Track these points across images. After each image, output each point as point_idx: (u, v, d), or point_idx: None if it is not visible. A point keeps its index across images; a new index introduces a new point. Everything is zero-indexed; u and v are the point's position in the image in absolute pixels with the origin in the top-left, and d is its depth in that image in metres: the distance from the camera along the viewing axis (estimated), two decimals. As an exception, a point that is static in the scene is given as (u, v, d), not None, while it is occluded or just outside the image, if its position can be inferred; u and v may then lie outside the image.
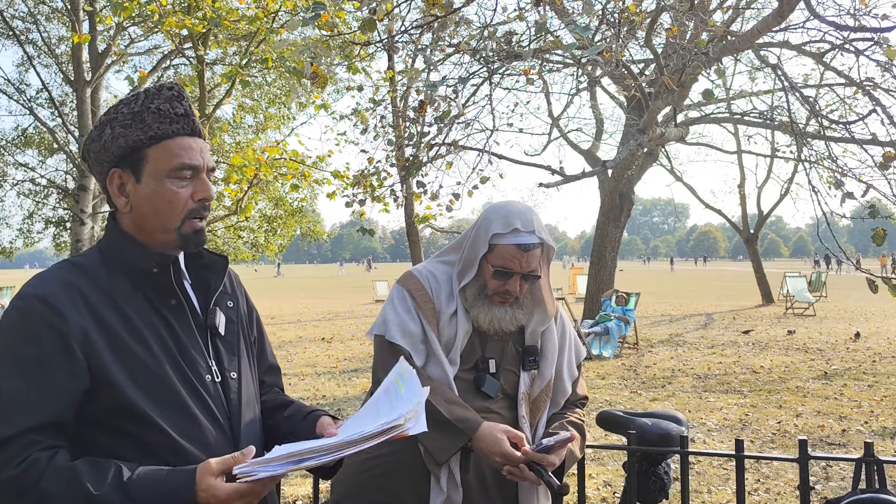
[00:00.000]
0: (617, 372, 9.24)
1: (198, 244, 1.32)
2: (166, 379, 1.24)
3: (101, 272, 1.27)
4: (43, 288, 1.21)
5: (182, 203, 1.28)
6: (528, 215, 1.81)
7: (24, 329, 1.18)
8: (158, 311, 1.28)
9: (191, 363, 1.29)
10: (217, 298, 1.39)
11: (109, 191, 1.31)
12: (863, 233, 19.91)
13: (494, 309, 1.82)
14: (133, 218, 1.30)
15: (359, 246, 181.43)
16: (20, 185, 20.56)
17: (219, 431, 1.29)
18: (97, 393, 1.19)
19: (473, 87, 8.95)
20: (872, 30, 5.17)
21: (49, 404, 1.16)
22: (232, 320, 1.42)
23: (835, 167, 7.20)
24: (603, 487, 4.59)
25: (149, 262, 1.28)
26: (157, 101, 1.29)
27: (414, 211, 10.93)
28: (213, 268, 1.40)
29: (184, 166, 1.28)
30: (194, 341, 1.32)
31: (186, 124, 1.30)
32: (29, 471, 1.11)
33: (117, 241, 1.31)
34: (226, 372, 1.35)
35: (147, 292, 1.29)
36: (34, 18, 19.23)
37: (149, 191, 1.27)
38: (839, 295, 24.53)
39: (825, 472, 4.79)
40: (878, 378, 8.41)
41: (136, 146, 1.27)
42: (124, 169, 1.28)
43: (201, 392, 1.28)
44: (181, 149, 1.28)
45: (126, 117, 1.27)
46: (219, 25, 6.85)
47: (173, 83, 1.34)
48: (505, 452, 1.65)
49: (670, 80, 5.42)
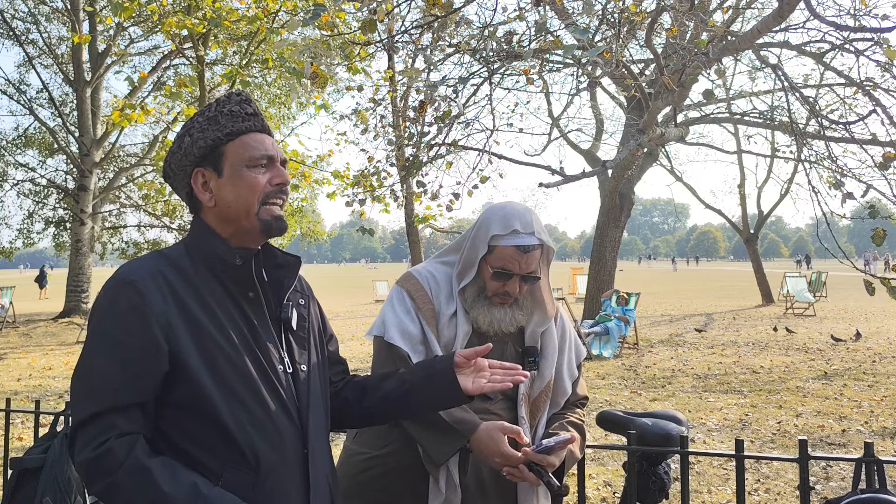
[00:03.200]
0: (617, 372, 9.24)
1: (280, 229, 1.38)
2: (244, 367, 1.30)
3: (186, 263, 1.35)
4: (132, 274, 1.28)
5: (261, 186, 1.36)
6: (527, 216, 1.80)
7: (114, 312, 1.25)
8: (237, 303, 1.36)
9: (265, 353, 1.35)
10: (290, 295, 1.47)
11: (194, 189, 1.39)
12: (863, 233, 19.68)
13: (494, 310, 1.81)
14: (217, 211, 1.38)
15: (359, 246, 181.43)
16: (20, 185, 20.59)
17: (289, 420, 1.35)
18: (173, 378, 1.26)
19: (473, 87, 8.94)
20: (872, 30, 5.17)
21: (133, 385, 1.22)
22: (303, 317, 1.49)
23: (835, 167, 7.20)
24: (603, 487, 4.59)
25: (232, 255, 1.36)
26: (229, 105, 1.40)
27: (414, 211, 10.94)
28: (287, 267, 1.47)
29: (261, 156, 1.37)
30: (269, 333, 1.39)
31: (257, 122, 1.41)
32: (104, 459, 1.17)
33: (202, 236, 1.39)
34: (297, 364, 1.41)
35: (227, 284, 1.36)
36: (34, 19, 19.26)
37: (230, 181, 1.36)
38: (839, 295, 24.53)
39: (825, 473, 4.79)
40: (879, 378, 8.41)
41: (214, 144, 1.37)
42: (206, 167, 1.38)
43: (274, 382, 1.34)
44: (255, 142, 1.39)
45: (202, 124, 1.38)
46: (219, 25, 6.85)
47: (240, 91, 1.46)
48: (504, 453, 1.65)
49: (670, 80, 5.42)
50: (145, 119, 7.28)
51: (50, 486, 2.40)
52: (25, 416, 6.65)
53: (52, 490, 2.39)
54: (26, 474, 2.46)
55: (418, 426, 1.72)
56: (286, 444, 1.32)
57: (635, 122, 9.39)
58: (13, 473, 2.46)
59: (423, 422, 1.71)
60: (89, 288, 18.12)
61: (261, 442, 1.28)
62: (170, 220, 20.02)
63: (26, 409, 2.70)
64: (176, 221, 20.37)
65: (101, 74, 18.37)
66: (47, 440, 2.49)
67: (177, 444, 1.26)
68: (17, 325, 16.39)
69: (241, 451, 1.26)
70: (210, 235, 1.38)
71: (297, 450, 1.34)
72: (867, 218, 5.64)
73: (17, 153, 20.66)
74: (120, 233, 21.37)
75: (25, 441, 5.72)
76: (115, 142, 19.50)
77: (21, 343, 13.54)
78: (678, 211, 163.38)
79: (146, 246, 21.06)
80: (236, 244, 1.38)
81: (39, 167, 21.06)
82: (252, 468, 1.27)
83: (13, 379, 9.17)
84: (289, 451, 1.33)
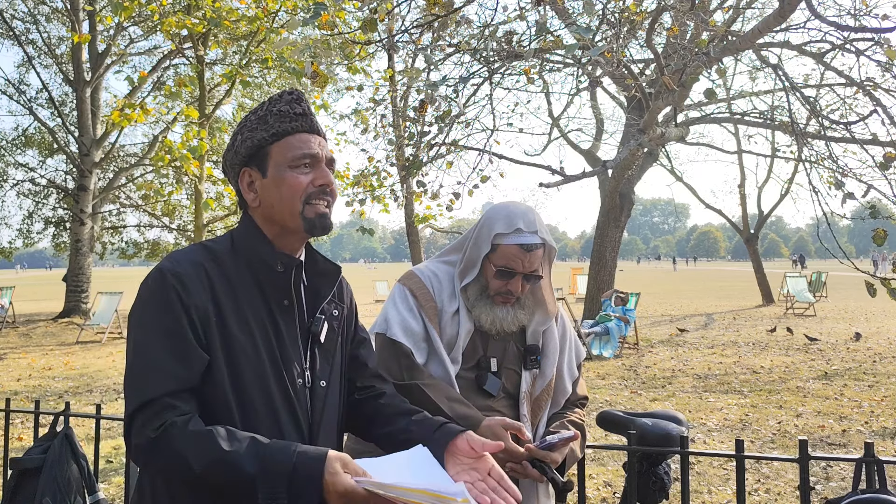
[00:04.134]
0: (617, 372, 9.24)
1: (324, 228, 1.38)
2: (262, 374, 1.30)
3: (229, 260, 1.36)
4: (175, 264, 1.30)
5: (303, 187, 1.36)
6: (530, 216, 1.81)
7: (159, 300, 1.27)
8: (270, 309, 1.36)
9: (287, 364, 1.35)
10: (324, 307, 1.45)
11: (241, 188, 1.41)
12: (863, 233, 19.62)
13: (496, 309, 1.82)
14: (262, 211, 1.39)
15: (359, 246, 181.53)
16: (20, 185, 20.58)
17: (297, 435, 1.34)
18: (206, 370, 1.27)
19: (474, 87, 8.94)
20: (873, 30, 5.17)
21: (183, 370, 1.24)
22: (333, 329, 1.47)
23: (835, 167, 7.20)
24: (603, 488, 4.59)
25: (275, 260, 1.36)
26: (279, 104, 1.39)
27: (414, 211, 10.94)
28: (326, 275, 1.47)
29: (303, 156, 1.37)
30: (295, 344, 1.38)
31: (305, 122, 1.40)
32: (166, 434, 1.19)
33: (248, 233, 1.39)
34: (317, 379, 1.40)
35: (265, 288, 1.36)
36: (34, 19, 19.25)
37: (273, 182, 1.36)
38: (839, 295, 24.53)
39: (825, 473, 4.79)
40: (879, 378, 8.41)
41: (261, 144, 1.38)
42: (252, 167, 1.39)
43: (290, 394, 1.34)
44: (300, 142, 1.38)
45: (253, 123, 1.39)
46: (219, 25, 6.85)
47: (294, 90, 1.44)
48: (507, 448, 1.65)
49: (671, 80, 5.42)
50: (145, 119, 7.28)
51: (50, 486, 2.40)
52: (25, 417, 6.64)
53: (52, 490, 2.39)
54: (26, 474, 2.46)
55: None
56: None
57: (635, 121, 9.38)
58: (13, 473, 2.46)
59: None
60: (89, 288, 18.12)
61: None
62: (170, 221, 20.01)
63: (26, 410, 2.70)
64: (176, 221, 20.37)
65: (100, 74, 18.36)
66: (47, 440, 2.49)
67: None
68: (17, 326, 16.39)
69: None
70: (256, 234, 1.38)
71: None
72: (868, 218, 5.64)
73: (17, 153, 20.66)
74: (120, 233, 21.37)
75: (25, 441, 5.72)
76: (114, 142, 19.50)
77: (21, 343, 13.54)
78: (678, 211, 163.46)
79: (146, 246, 21.06)
80: (280, 247, 1.39)
81: (39, 167, 21.07)
82: None
83: (13, 379, 9.17)
84: None
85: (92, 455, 2.65)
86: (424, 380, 1.74)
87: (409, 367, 1.76)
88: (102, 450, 5.25)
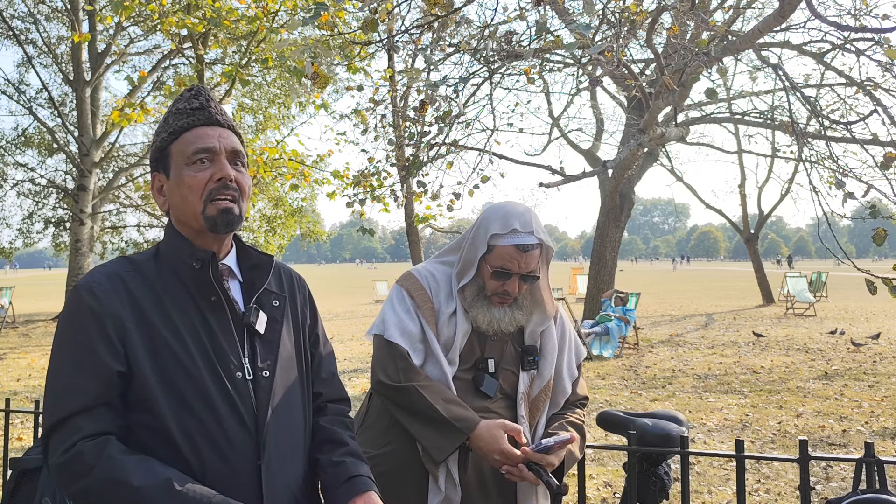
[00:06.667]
0: (617, 372, 9.24)
1: (227, 224, 1.33)
2: (197, 375, 1.27)
3: (151, 267, 1.34)
4: (90, 278, 1.29)
5: (201, 185, 1.32)
6: (526, 216, 1.80)
7: (72, 317, 1.26)
8: (198, 308, 1.33)
9: (223, 360, 1.31)
10: (260, 297, 1.42)
11: (153, 194, 1.40)
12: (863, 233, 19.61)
13: (493, 310, 1.81)
14: (174, 214, 1.37)
15: (359, 246, 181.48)
16: (20, 185, 20.58)
17: (242, 428, 1.29)
18: (129, 380, 1.24)
19: (474, 87, 8.94)
20: (873, 30, 5.17)
21: (95, 385, 1.21)
22: (276, 319, 1.43)
23: (835, 167, 7.20)
24: (603, 488, 4.59)
25: (192, 257, 1.33)
26: (179, 102, 1.37)
27: (414, 211, 10.93)
28: (260, 267, 1.44)
29: (198, 151, 1.32)
30: (230, 339, 1.34)
31: (202, 115, 1.35)
32: (74, 462, 1.16)
33: (170, 239, 1.37)
34: (258, 370, 1.35)
35: (190, 289, 1.33)
36: (34, 18, 19.24)
37: (175, 183, 1.34)
38: (840, 295, 24.53)
39: (825, 473, 4.78)
40: (879, 378, 8.41)
41: (162, 146, 1.35)
42: (159, 171, 1.37)
43: (229, 389, 1.30)
44: (195, 137, 1.34)
45: (159, 126, 1.38)
46: (219, 25, 6.84)
47: (194, 85, 1.41)
48: (504, 450, 1.65)
49: (671, 80, 5.41)
50: (145, 119, 7.28)
51: (49, 486, 2.39)
52: (25, 417, 6.64)
53: (52, 490, 2.39)
54: (26, 474, 2.45)
55: (417, 424, 1.72)
56: (237, 454, 1.27)
57: (635, 121, 9.38)
58: (12, 474, 2.45)
59: (423, 419, 1.71)
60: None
61: (208, 451, 1.25)
62: (170, 220, 19.98)
63: (26, 410, 2.70)
64: (176, 221, 20.34)
65: (100, 74, 18.36)
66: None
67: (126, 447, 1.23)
68: (17, 326, 16.39)
69: (185, 460, 1.23)
70: (175, 238, 1.36)
71: (249, 460, 1.29)
72: (868, 218, 5.64)
73: (17, 153, 20.66)
74: (120, 233, 21.38)
75: (25, 441, 5.72)
76: (114, 142, 19.50)
77: (20, 343, 13.54)
78: (678, 211, 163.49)
79: (146, 246, 21.07)
80: (201, 245, 1.35)
81: (39, 167, 21.07)
82: (197, 478, 1.22)
83: (13, 379, 9.17)
84: (240, 461, 1.27)
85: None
86: (421, 381, 1.74)
87: (406, 368, 1.76)
88: (102, 450, 5.24)
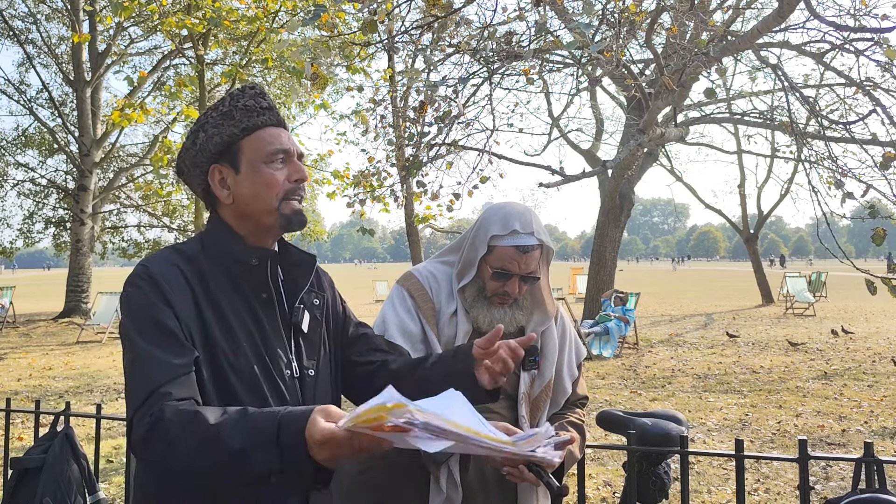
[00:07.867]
0: (617, 372, 9.24)
1: (300, 224, 1.37)
2: (249, 371, 1.28)
3: (202, 260, 1.34)
4: (151, 266, 1.29)
5: (279, 184, 1.35)
6: (527, 216, 1.80)
7: (140, 301, 1.26)
8: (249, 304, 1.34)
9: (273, 356, 1.33)
10: (303, 296, 1.44)
11: (212, 186, 1.38)
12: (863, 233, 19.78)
13: (494, 310, 1.82)
14: (235, 208, 1.37)
15: (359, 246, 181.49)
16: (20, 185, 20.59)
17: None
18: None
19: (473, 87, 8.95)
20: (872, 30, 5.17)
21: (178, 355, 1.22)
22: (316, 318, 1.46)
23: (835, 167, 7.21)
24: (603, 487, 4.59)
25: (248, 255, 1.34)
26: (243, 99, 1.37)
27: (414, 211, 10.93)
28: (301, 266, 1.45)
29: (277, 151, 1.36)
30: (278, 336, 1.37)
31: (272, 116, 1.39)
32: (158, 425, 1.15)
33: (219, 233, 1.37)
34: (304, 369, 1.39)
35: (241, 284, 1.35)
36: (34, 18, 19.25)
37: (248, 178, 1.35)
38: (839, 295, 24.53)
39: (825, 472, 4.79)
40: (878, 378, 8.41)
41: (231, 140, 1.36)
42: (223, 164, 1.37)
43: (280, 386, 1.32)
44: (272, 136, 1.37)
45: (216, 119, 1.36)
46: (219, 25, 6.85)
47: (254, 84, 1.42)
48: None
49: (670, 80, 5.42)
50: (145, 119, 7.28)
51: (50, 485, 2.40)
52: (25, 416, 6.65)
53: (52, 490, 2.40)
54: (26, 474, 2.46)
55: None
56: None
57: (635, 122, 9.38)
58: (13, 473, 2.46)
59: None
60: (89, 288, 18.12)
61: None
62: (170, 220, 20.02)
63: (26, 409, 2.70)
64: (176, 221, 20.38)
65: (100, 74, 18.36)
66: (47, 440, 2.49)
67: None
68: (17, 325, 16.39)
69: None
70: (227, 233, 1.37)
71: None
72: (867, 218, 5.65)
73: (17, 153, 20.67)
74: (120, 233, 21.38)
75: (25, 441, 5.72)
76: (114, 142, 19.52)
77: (21, 343, 13.54)
78: (678, 211, 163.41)
79: (146, 246, 21.07)
80: (253, 242, 1.37)
81: (39, 167, 21.09)
82: None
83: (13, 379, 9.17)
84: None
85: (92, 455, 2.66)
86: None
87: None
88: (103, 449, 5.25)
